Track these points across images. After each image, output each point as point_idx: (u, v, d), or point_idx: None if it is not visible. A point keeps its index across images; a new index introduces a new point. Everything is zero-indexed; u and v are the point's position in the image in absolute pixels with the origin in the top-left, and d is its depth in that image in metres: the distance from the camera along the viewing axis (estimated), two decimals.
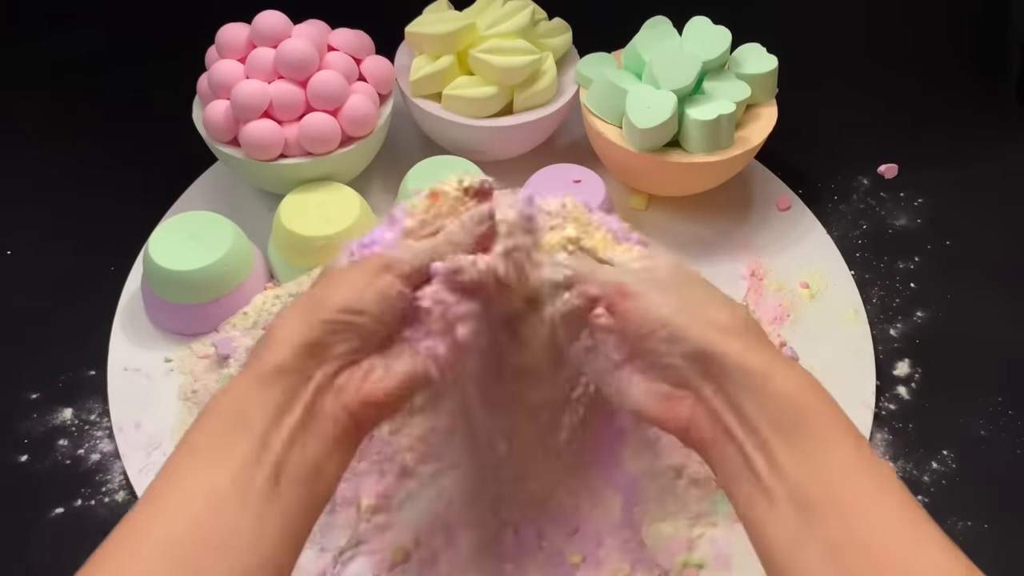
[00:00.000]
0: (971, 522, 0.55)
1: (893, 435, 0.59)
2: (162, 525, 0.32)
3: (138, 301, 0.63)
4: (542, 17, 0.69)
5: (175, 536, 0.31)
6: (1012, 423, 0.60)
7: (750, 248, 0.68)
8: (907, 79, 0.83)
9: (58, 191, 0.71)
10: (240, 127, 0.61)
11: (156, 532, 0.31)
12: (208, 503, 0.32)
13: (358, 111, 0.62)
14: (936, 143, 0.78)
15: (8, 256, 0.67)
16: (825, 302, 0.65)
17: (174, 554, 0.31)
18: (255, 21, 0.62)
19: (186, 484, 0.33)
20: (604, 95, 0.64)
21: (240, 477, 0.33)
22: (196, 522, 0.31)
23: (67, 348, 0.61)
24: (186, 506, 0.32)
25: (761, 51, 0.65)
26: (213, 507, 0.32)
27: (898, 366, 0.63)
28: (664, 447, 0.52)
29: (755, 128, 0.65)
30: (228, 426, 0.34)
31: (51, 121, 0.76)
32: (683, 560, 0.51)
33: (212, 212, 0.61)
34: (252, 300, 0.61)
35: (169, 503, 0.32)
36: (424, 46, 0.66)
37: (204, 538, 0.31)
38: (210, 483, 0.33)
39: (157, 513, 0.32)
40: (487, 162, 0.67)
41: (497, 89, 0.65)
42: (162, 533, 0.31)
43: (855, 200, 0.74)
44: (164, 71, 0.71)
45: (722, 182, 0.67)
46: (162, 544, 0.31)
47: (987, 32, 0.84)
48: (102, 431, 0.57)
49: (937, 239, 0.71)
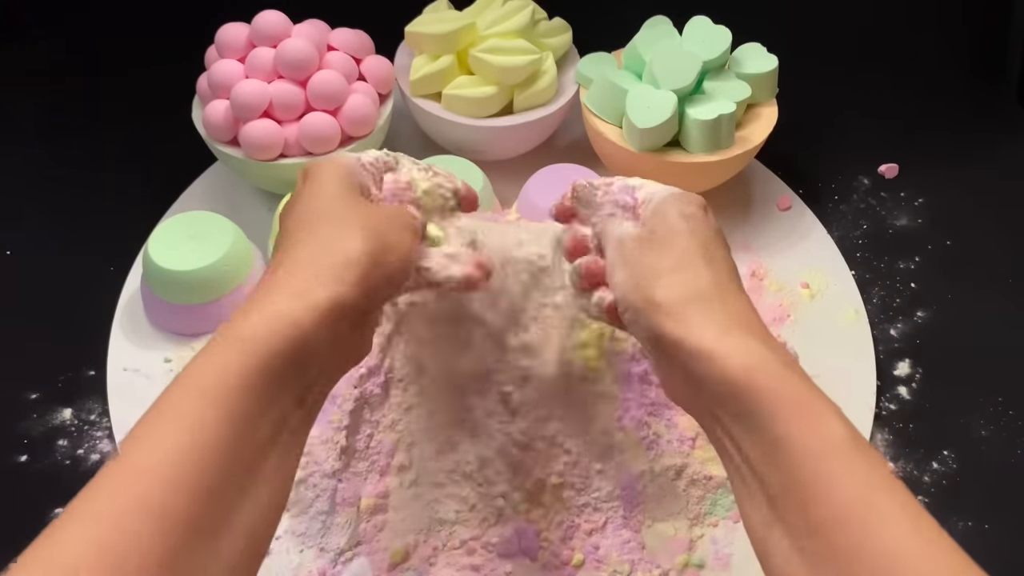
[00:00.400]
0: (971, 522, 0.55)
1: (893, 435, 0.59)
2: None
3: (138, 301, 0.63)
4: (542, 17, 0.69)
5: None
6: (1012, 423, 0.60)
7: (750, 248, 0.68)
8: (908, 79, 0.83)
9: (58, 191, 0.71)
10: (240, 127, 0.61)
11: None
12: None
13: (358, 111, 0.62)
14: (936, 143, 0.78)
15: (8, 256, 0.67)
16: (825, 302, 0.65)
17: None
18: (255, 21, 0.62)
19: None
20: (604, 95, 0.64)
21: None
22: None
23: (67, 348, 0.61)
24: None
25: (761, 51, 0.65)
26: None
27: (898, 366, 0.63)
28: (664, 447, 0.52)
29: (755, 128, 0.65)
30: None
31: (51, 121, 0.76)
32: (683, 560, 0.51)
33: (212, 212, 0.61)
34: None
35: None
36: (424, 46, 0.66)
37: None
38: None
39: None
40: (487, 162, 0.67)
41: (497, 89, 0.65)
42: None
43: (855, 200, 0.74)
44: (164, 71, 0.70)
45: (722, 182, 0.67)
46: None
47: (987, 33, 0.84)
48: (102, 431, 0.57)
49: (937, 239, 0.71)
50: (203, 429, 0.29)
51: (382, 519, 0.52)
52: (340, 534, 0.51)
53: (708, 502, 0.53)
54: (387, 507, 0.52)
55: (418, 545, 0.51)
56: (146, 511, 0.27)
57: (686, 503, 0.53)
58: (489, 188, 0.65)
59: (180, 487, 0.28)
